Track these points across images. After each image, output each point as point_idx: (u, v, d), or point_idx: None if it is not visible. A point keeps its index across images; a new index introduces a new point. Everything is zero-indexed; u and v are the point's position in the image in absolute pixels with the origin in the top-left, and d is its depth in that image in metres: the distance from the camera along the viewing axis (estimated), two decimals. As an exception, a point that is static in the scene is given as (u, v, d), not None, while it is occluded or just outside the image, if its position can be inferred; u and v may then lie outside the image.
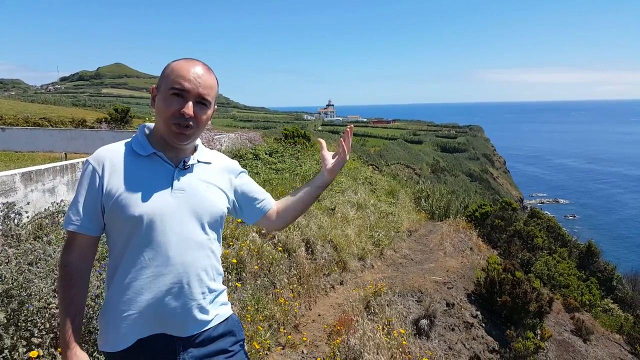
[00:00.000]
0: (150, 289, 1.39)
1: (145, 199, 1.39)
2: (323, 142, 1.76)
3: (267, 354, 3.57)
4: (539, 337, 5.72)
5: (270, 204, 1.73)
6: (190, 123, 1.41)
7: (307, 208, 1.76)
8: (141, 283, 1.40)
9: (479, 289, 6.37)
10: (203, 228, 1.47)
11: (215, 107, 1.55)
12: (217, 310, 1.54)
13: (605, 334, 7.94)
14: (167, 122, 1.41)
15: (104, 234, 1.50)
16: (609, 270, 12.60)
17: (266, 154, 11.41)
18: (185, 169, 1.48)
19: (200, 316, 1.47)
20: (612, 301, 11.20)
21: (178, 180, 1.45)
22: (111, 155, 1.45)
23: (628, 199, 59.60)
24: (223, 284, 1.62)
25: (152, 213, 1.39)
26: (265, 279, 4.49)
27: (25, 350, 2.23)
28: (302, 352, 3.88)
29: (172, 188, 1.44)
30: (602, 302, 10.53)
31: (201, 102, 1.43)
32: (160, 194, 1.42)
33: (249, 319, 3.64)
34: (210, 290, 1.50)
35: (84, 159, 7.30)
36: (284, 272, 4.79)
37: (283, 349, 3.82)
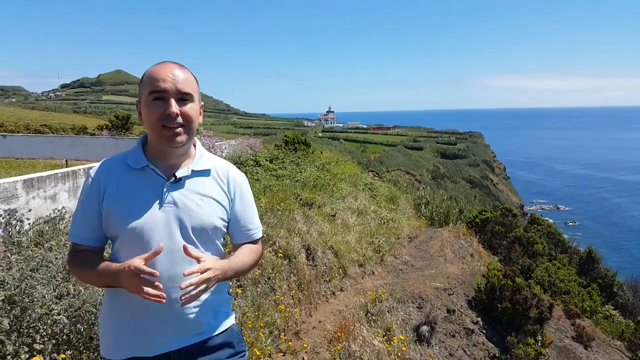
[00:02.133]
0: (141, 303, 1.37)
1: (134, 213, 1.40)
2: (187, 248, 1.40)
3: (267, 360, 3.57)
4: (539, 344, 5.71)
5: (256, 236, 1.65)
6: (179, 121, 1.41)
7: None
8: (132, 296, 1.38)
9: (479, 295, 6.37)
10: (193, 242, 1.45)
11: (202, 104, 1.53)
12: (215, 321, 1.52)
13: (606, 341, 7.93)
14: (156, 128, 1.41)
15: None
16: (610, 276, 12.58)
17: (267, 160, 11.43)
18: (177, 182, 1.46)
19: (194, 327, 1.46)
20: (613, 307, 11.17)
21: (168, 194, 1.44)
22: (108, 168, 1.48)
23: (628, 205, 59.58)
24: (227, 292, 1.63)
25: (140, 227, 1.40)
26: (265, 285, 4.49)
27: (27, 356, 2.24)
28: (303, 358, 3.88)
29: (161, 202, 1.43)
30: (602, 308, 10.51)
31: (182, 98, 1.42)
32: (149, 207, 1.42)
33: (249, 325, 3.64)
34: (205, 302, 1.47)
35: (85, 166, 7.32)
36: (285, 278, 4.79)
37: (284, 355, 3.82)
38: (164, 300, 1.31)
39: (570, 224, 49.66)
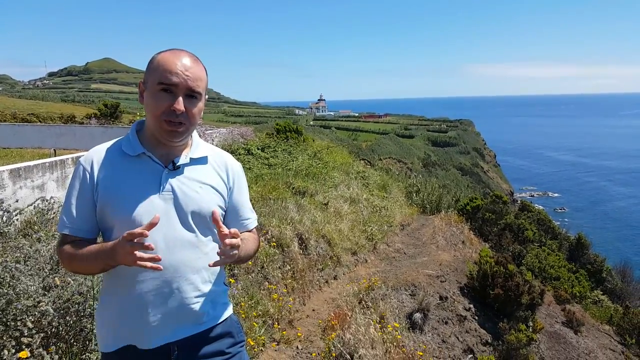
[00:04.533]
0: (140, 292, 1.37)
1: (132, 201, 1.37)
2: (216, 213, 1.36)
3: (261, 350, 3.55)
4: (531, 329, 5.77)
5: (253, 225, 1.63)
6: (182, 119, 1.37)
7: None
8: (131, 285, 1.38)
9: (471, 282, 6.40)
10: (193, 230, 1.43)
11: (207, 97, 1.49)
12: (214, 311, 1.51)
13: (595, 325, 8.04)
14: (158, 120, 1.37)
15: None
16: (599, 262, 12.76)
17: (258, 149, 11.35)
18: (175, 169, 1.43)
19: (194, 318, 1.44)
20: (601, 293, 11.35)
21: (167, 182, 1.41)
22: (101, 156, 1.43)
23: (616, 191, 60.43)
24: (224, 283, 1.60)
25: (139, 215, 1.36)
26: (258, 274, 4.47)
27: (14, 350, 2.19)
28: (297, 347, 3.87)
29: (160, 190, 1.40)
30: (592, 293, 10.67)
31: (191, 95, 1.38)
32: (147, 195, 1.38)
33: (243, 315, 3.62)
34: (205, 292, 1.46)
35: (74, 156, 7.19)
36: (278, 267, 4.77)
37: (278, 344, 3.81)
38: (161, 267, 1.26)
39: (560, 210, 50.28)
